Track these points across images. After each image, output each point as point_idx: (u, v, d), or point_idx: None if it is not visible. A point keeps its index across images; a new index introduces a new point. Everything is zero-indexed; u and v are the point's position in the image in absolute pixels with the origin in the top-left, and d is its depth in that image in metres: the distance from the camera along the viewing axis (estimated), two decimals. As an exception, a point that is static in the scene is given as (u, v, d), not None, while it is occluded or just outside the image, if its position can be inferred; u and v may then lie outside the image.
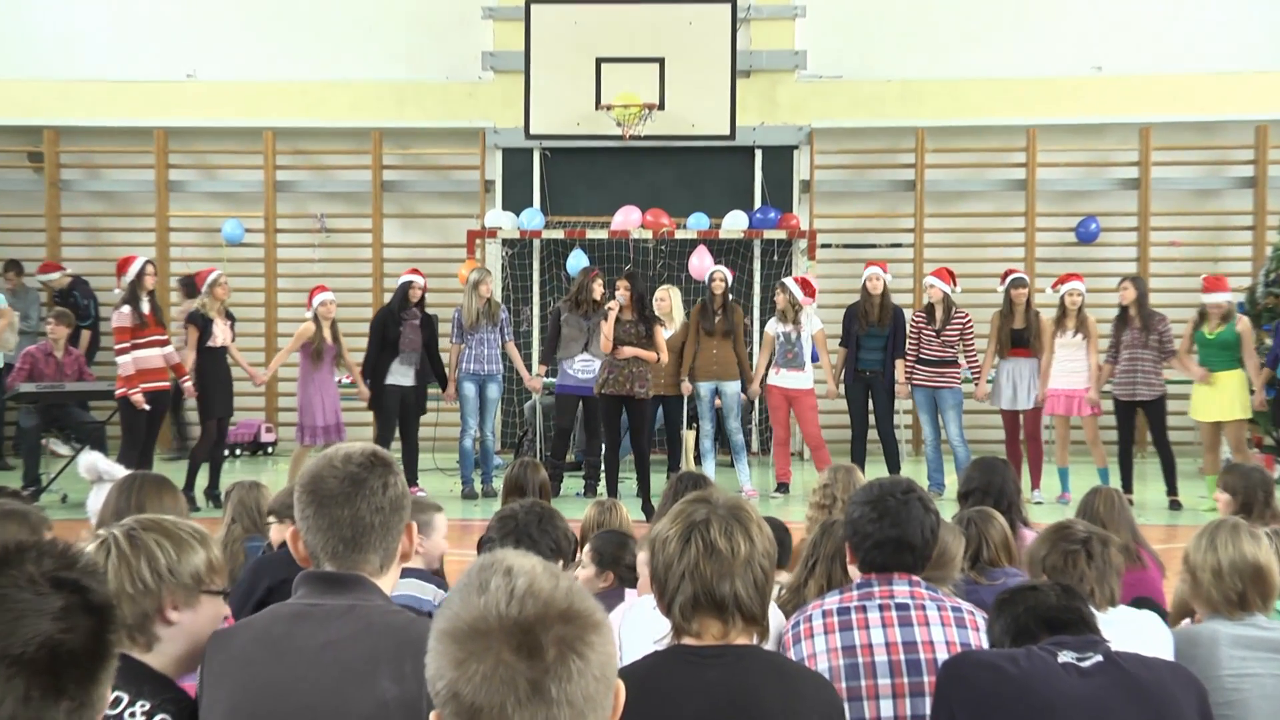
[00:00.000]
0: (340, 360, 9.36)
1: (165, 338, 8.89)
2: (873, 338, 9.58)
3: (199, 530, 2.15)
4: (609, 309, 8.55)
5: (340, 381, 9.67)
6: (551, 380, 10.63)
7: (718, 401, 9.78)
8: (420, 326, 9.51)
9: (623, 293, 8.59)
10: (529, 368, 10.26)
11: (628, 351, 8.57)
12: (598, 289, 9.35)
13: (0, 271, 12.24)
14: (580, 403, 9.51)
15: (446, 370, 9.90)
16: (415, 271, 9.77)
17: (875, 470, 9.01)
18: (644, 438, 8.68)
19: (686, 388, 9.65)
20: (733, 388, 9.63)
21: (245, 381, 9.71)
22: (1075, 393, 9.23)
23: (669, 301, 9.74)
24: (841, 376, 9.77)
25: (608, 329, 8.52)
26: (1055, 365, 9.31)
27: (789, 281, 9.74)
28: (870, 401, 9.68)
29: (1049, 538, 3.12)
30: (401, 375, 9.43)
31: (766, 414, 12.14)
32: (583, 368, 9.40)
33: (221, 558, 2.14)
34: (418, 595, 3.57)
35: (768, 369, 9.78)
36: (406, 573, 3.67)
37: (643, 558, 3.38)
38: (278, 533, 3.96)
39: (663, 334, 8.89)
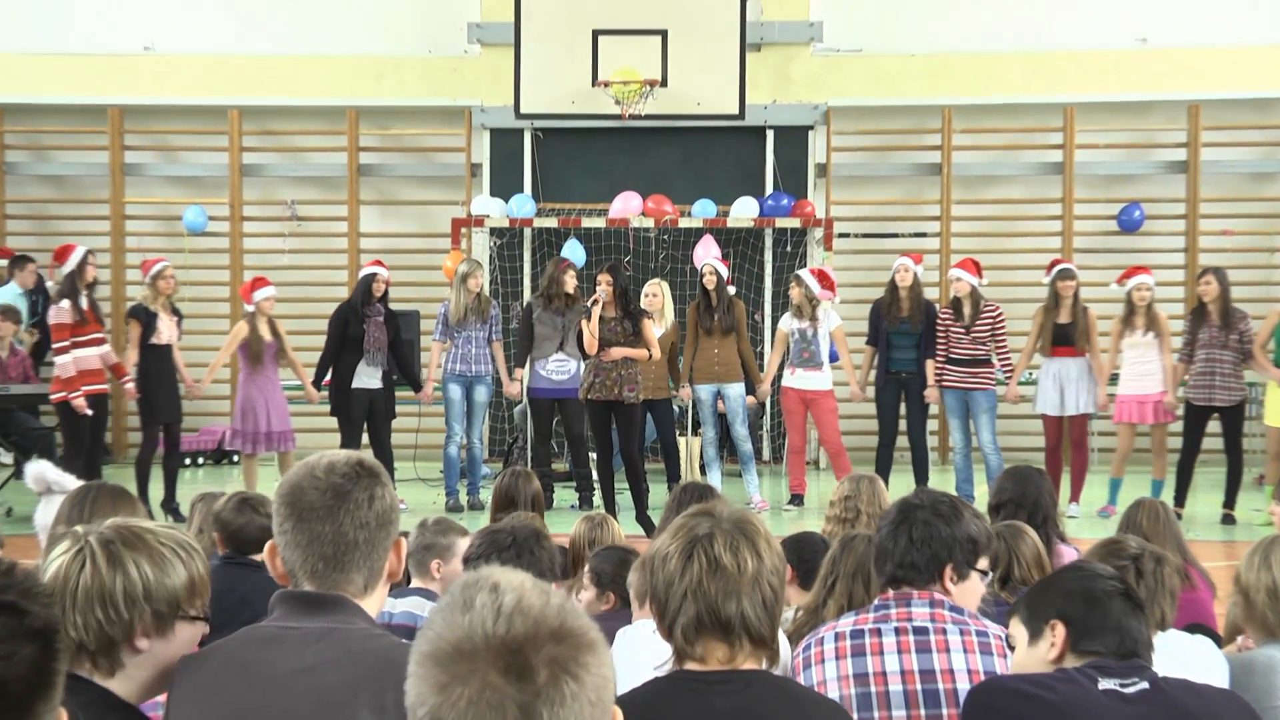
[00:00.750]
0: (283, 358, 9.32)
1: (103, 335, 8.87)
2: (903, 335, 9.57)
3: (185, 543, 2.09)
4: (592, 304, 8.53)
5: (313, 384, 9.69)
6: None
7: (721, 406, 9.79)
8: (385, 323, 9.50)
9: (605, 288, 8.56)
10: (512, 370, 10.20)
11: (618, 353, 8.56)
12: (569, 282, 9.35)
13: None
14: (556, 407, 9.50)
15: (425, 370, 9.89)
16: (378, 263, 9.77)
17: (901, 480, 9.04)
18: (634, 445, 8.69)
19: (685, 393, 9.65)
20: (736, 390, 9.64)
21: (211, 384, 9.69)
22: (1148, 398, 9.20)
23: (660, 297, 9.74)
24: (871, 378, 9.78)
25: (592, 329, 8.52)
26: (1125, 368, 9.29)
27: (804, 273, 9.73)
28: (903, 405, 9.69)
29: (1097, 553, 3.12)
30: (369, 377, 9.41)
31: (779, 419, 12.15)
32: (557, 368, 9.41)
33: (205, 575, 2.11)
34: (414, 612, 3.58)
35: (781, 369, 9.78)
36: (416, 592, 3.68)
37: (633, 579, 3.38)
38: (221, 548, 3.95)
39: (652, 329, 8.91)
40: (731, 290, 9.78)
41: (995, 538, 3.76)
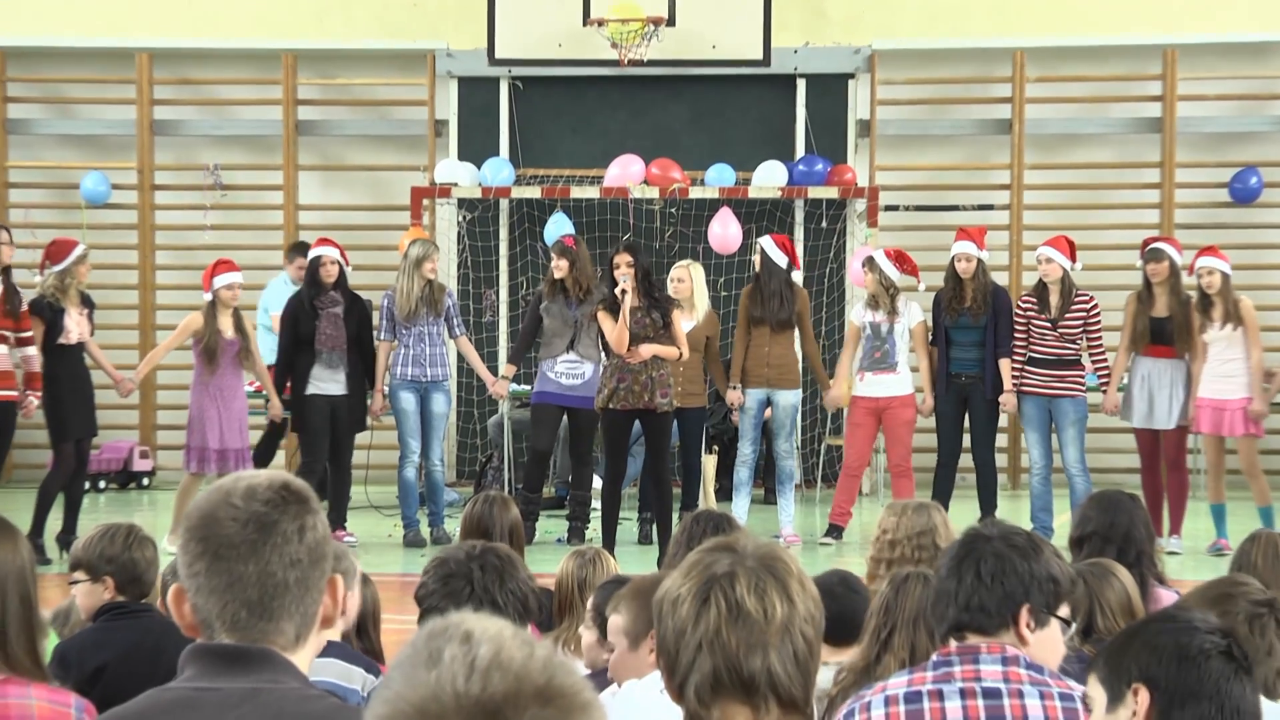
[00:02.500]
0: (246, 360, 9.37)
1: (26, 334, 8.87)
2: (965, 330, 9.59)
3: None
4: (620, 294, 8.52)
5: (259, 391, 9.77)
6: (523, 388, 10.59)
7: (766, 413, 9.81)
8: (345, 315, 9.53)
9: (628, 271, 8.58)
10: (494, 369, 10.21)
11: (647, 350, 8.60)
12: (559, 267, 9.42)
13: None
14: (564, 417, 9.53)
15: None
16: (325, 241, 9.76)
17: (963, 509, 9.01)
18: (666, 462, 8.72)
19: (735, 397, 9.69)
20: (789, 398, 9.70)
21: (109, 390, 9.69)
22: (1228, 404, 9.17)
23: (689, 283, 9.74)
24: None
25: (622, 323, 8.52)
26: (1205, 368, 9.23)
27: (878, 255, 9.74)
28: (966, 417, 9.70)
29: (1211, 597, 3.12)
30: (328, 381, 9.49)
31: (814, 433, 12.12)
32: (567, 370, 9.45)
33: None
34: (340, 683, 3.55)
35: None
36: (334, 650, 3.66)
37: (616, 623, 3.37)
38: (86, 595, 3.96)
39: (681, 322, 8.91)
40: (798, 276, 9.78)
41: (1077, 580, 3.79)
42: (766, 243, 9.69)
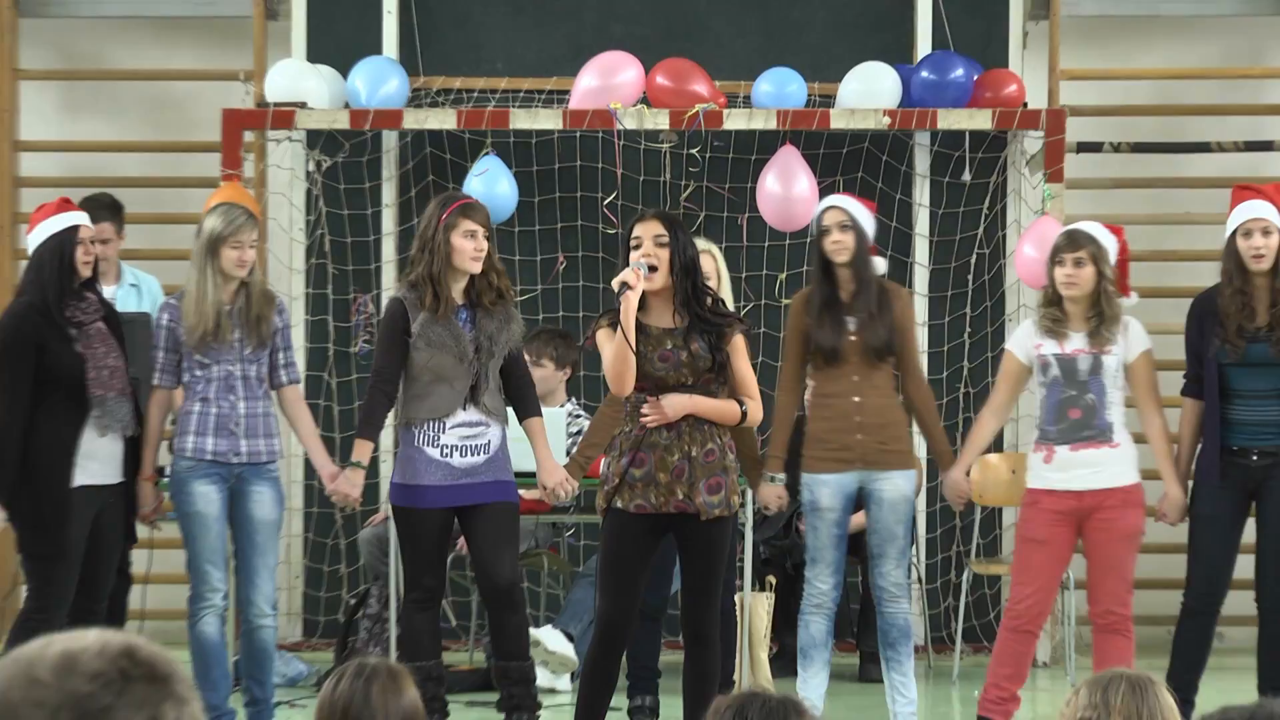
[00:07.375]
0: None
1: None
2: (1260, 371, 9.72)
3: None
4: (621, 285, 8.43)
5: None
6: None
7: (857, 520, 9.89)
8: (111, 332, 9.66)
9: (655, 250, 8.59)
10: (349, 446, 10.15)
11: (679, 406, 8.55)
12: (463, 246, 9.33)
13: None
14: (455, 524, 9.50)
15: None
16: (66, 204, 9.73)
17: (1232, 683, 9.27)
18: (714, 607, 8.80)
19: (774, 496, 9.79)
20: (900, 485, 9.68)
21: None
22: None
23: (713, 279, 9.77)
24: (1192, 469, 9.95)
25: (621, 342, 8.45)
26: None
27: (1091, 231, 9.62)
28: (1258, 524, 9.86)
29: None
30: (104, 461, 9.61)
31: (947, 552, 11.83)
32: (462, 441, 9.33)
33: None
34: None
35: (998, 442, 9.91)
36: None
37: None
38: None
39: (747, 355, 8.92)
40: (882, 267, 9.80)
41: None
42: (854, 207, 9.62)
